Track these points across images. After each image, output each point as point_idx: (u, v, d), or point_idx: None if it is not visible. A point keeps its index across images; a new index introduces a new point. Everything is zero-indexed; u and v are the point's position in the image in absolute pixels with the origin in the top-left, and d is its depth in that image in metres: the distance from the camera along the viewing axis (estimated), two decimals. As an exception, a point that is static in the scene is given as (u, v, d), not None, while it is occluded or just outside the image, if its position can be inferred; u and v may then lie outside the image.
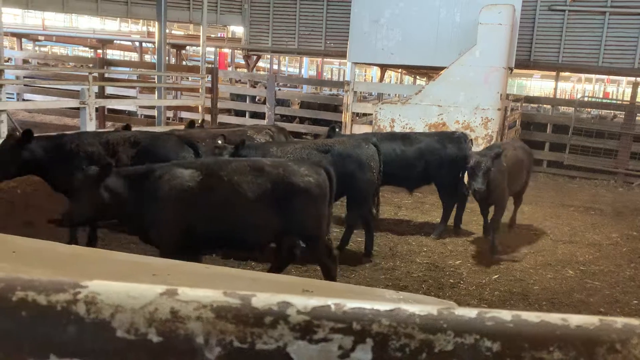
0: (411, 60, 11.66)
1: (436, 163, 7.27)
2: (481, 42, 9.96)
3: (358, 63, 12.86)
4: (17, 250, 1.20)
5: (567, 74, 20.83)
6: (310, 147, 6.14)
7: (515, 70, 15.74)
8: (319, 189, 4.43)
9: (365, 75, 34.56)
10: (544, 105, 17.63)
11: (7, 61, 15.56)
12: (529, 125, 13.48)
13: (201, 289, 0.61)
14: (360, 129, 11.98)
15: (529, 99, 16.23)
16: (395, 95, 16.90)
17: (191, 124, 7.38)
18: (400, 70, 19.78)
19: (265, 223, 4.32)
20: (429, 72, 18.72)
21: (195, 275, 1.10)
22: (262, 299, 0.61)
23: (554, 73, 17.77)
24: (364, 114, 13.58)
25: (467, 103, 10.22)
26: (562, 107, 18.34)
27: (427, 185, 7.68)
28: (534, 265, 6.42)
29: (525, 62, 15.77)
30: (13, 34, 23.27)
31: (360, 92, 16.24)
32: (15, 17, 29.49)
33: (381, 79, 15.58)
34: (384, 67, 15.23)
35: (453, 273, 5.98)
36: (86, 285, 0.58)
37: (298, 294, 1.01)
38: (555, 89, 19.44)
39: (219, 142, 5.46)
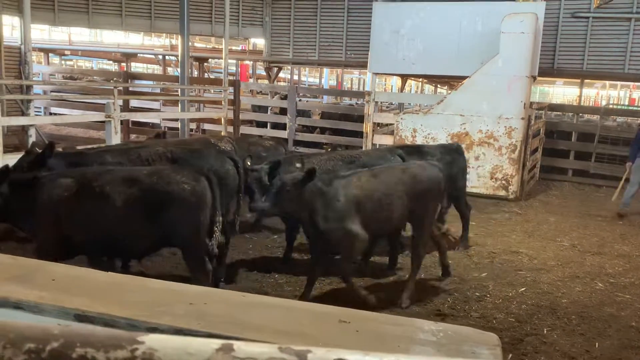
0: (433, 69, 11.64)
1: (448, 174, 7.22)
2: (504, 50, 9.89)
3: (379, 73, 12.87)
4: (56, 278, 1.22)
5: (591, 80, 20.53)
6: (336, 159, 6.15)
7: (538, 78, 15.55)
8: (195, 197, 4.32)
9: (385, 85, 34.54)
10: (568, 113, 17.37)
11: (36, 76, 15.95)
12: (553, 134, 13.29)
13: (256, 343, 0.60)
14: (382, 139, 11.98)
15: (553, 107, 16.02)
16: (417, 105, 16.83)
17: (157, 135, 7.36)
18: (421, 79, 19.72)
19: (140, 232, 4.29)
20: (450, 80, 18.65)
21: (231, 305, 1.11)
22: (318, 356, 0.60)
23: (577, 80, 17.53)
24: (385, 124, 13.57)
25: (491, 112, 10.14)
26: (587, 115, 18.06)
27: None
28: (561, 277, 6.30)
29: (548, 69, 15.58)
30: (40, 49, 23.84)
31: (381, 102, 16.23)
32: (42, 32, 30.23)
33: (402, 88, 15.54)
34: (404, 77, 15.20)
35: (479, 286, 5.90)
36: (143, 341, 0.58)
37: (352, 347, 1.00)
38: (580, 96, 19.15)
39: (248, 162, 5.48)
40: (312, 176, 4.59)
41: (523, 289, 5.86)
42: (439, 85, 22.95)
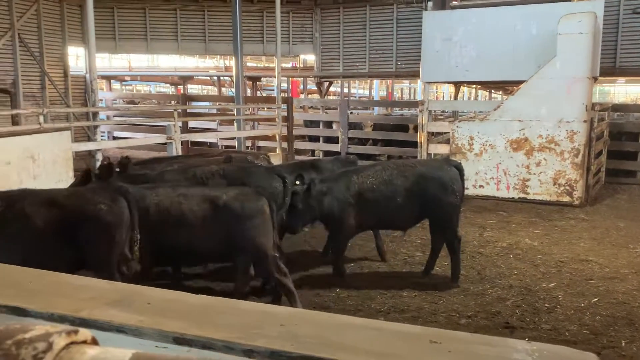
0: (487, 75, 11.43)
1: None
2: (561, 52, 9.61)
3: (431, 82, 12.76)
4: (151, 302, 1.29)
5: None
6: (392, 169, 6.12)
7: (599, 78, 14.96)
8: (112, 216, 4.32)
9: (436, 92, 34.16)
10: (633, 113, 16.58)
11: (99, 102, 16.77)
12: (620, 135, 12.71)
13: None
14: (437, 148, 11.83)
15: (617, 107, 15.34)
16: (472, 112, 16.54)
17: (227, 159, 7.39)
18: (474, 85, 19.40)
19: (59, 253, 4.26)
20: (505, 85, 18.24)
21: (321, 326, 1.13)
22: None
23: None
24: (439, 133, 13.39)
25: (550, 116, 9.84)
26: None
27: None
28: (637, 286, 5.99)
29: (610, 69, 14.95)
30: (103, 77, 25.07)
31: (435, 110, 16.06)
32: (103, 60, 31.80)
33: (456, 96, 15.32)
34: (458, 84, 14.98)
35: (548, 297, 5.69)
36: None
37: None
38: (644, 94, 18.25)
39: (297, 182, 5.57)
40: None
41: (596, 299, 5.61)
42: (493, 91, 22.46)
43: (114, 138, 17.20)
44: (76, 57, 21.48)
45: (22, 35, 15.90)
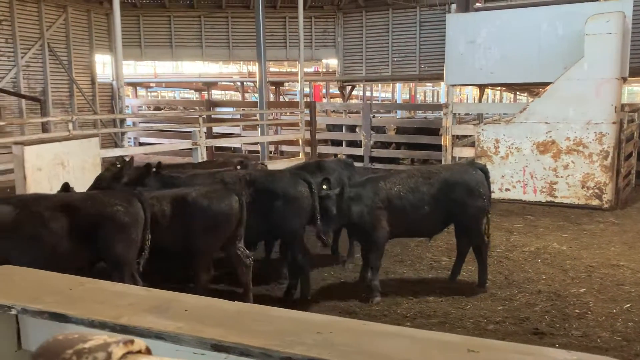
0: (512, 77, 11.29)
1: None
2: (589, 53, 9.45)
3: (456, 85, 12.66)
4: (188, 308, 1.31)
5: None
6: (416, 175, 6.06)
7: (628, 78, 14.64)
8: (129, 217, 4.52)
9: (460, 95, 33.88)
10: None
11: (126, 109, 17.06)
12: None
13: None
14: (462, 151, 11.73)
15: (646, 108, 14.96)
16: (497, 114, 16.36)
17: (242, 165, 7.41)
18: (499, 88, 19.19)
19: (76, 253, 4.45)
20: (530, 87, 17.99)
21: (356, 334, 1.14)
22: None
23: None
24: (464, 136, 13.28)
25: (578, 118, 9.68)
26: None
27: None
28: (671, 292, 5.84)
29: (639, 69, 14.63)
30: (128, 84, 25.52)
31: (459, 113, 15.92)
32: (128, 67, 32.35)
33: (480, 98, 15.17)
34: (482, 87, 14.85)
35: (578, 302, 5.59)
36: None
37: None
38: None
39: (324, 187, 5.56)
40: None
41: (628, 305, 5.49)
42: (518, 93, 22.17)
43: (140, 144, 17.48)
44: (102, 64, 21.91)
45: (51, 44, 16.30)
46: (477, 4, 13.54)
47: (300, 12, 13.34)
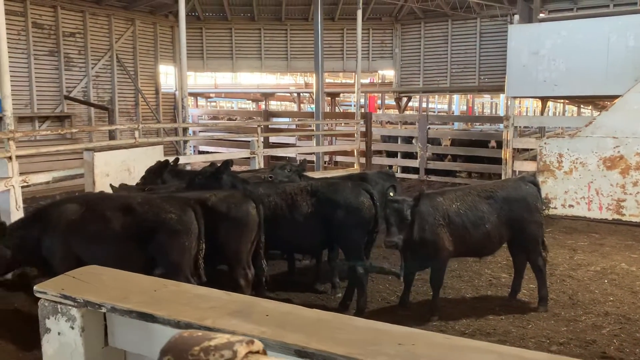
0: (578, 90, 10.90)
1: None
2: (662, 65, 9.01)
3: (517, 97, 12.36)
4: (269, 313, 1.35)
5: None
6: (472, 194, 5.89)
7: None
8: (181, 225, 4.66)
9: (519, 107, 33.02)
10: None
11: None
12: None
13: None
14: (522, 165, 11.41)
15: None
16: (560, 128, 15.83)
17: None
18: (562, 100, 18.59)
19: (132, 256, 4.66)
20: (596, 100, 17.32)
21: (438, 347, 1.14)
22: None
23: None
24: (524, 150, 12.92)
25: (649, 133, 9.23)
26: None
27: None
28: None
29: None
30: (190, 94, 26.37)
31: (519, 127, 15.51)
32: (189, 78, 33.40)
33: (542, 111, 14.73)
34: (545, 99, 14.42)
35: (649, 327, 5.30)
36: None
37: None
38: None
39: (391, 194, 5.52)
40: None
41: None
42: (582, 106, 21.39)
43: (199, 152, 17.99)
44: (165, 75, 22.75)
45: (119, 55, 17.10)
46: (541, 15, 13.19)
47: (358, 24, 13.41)
